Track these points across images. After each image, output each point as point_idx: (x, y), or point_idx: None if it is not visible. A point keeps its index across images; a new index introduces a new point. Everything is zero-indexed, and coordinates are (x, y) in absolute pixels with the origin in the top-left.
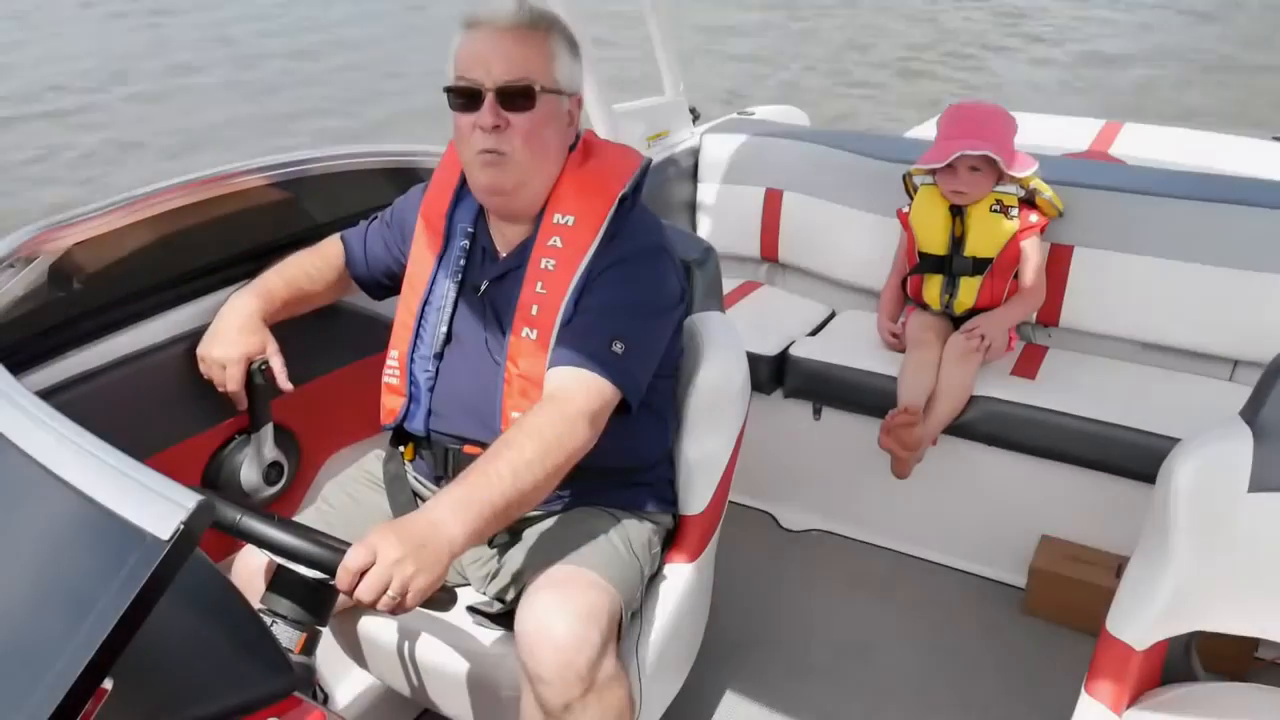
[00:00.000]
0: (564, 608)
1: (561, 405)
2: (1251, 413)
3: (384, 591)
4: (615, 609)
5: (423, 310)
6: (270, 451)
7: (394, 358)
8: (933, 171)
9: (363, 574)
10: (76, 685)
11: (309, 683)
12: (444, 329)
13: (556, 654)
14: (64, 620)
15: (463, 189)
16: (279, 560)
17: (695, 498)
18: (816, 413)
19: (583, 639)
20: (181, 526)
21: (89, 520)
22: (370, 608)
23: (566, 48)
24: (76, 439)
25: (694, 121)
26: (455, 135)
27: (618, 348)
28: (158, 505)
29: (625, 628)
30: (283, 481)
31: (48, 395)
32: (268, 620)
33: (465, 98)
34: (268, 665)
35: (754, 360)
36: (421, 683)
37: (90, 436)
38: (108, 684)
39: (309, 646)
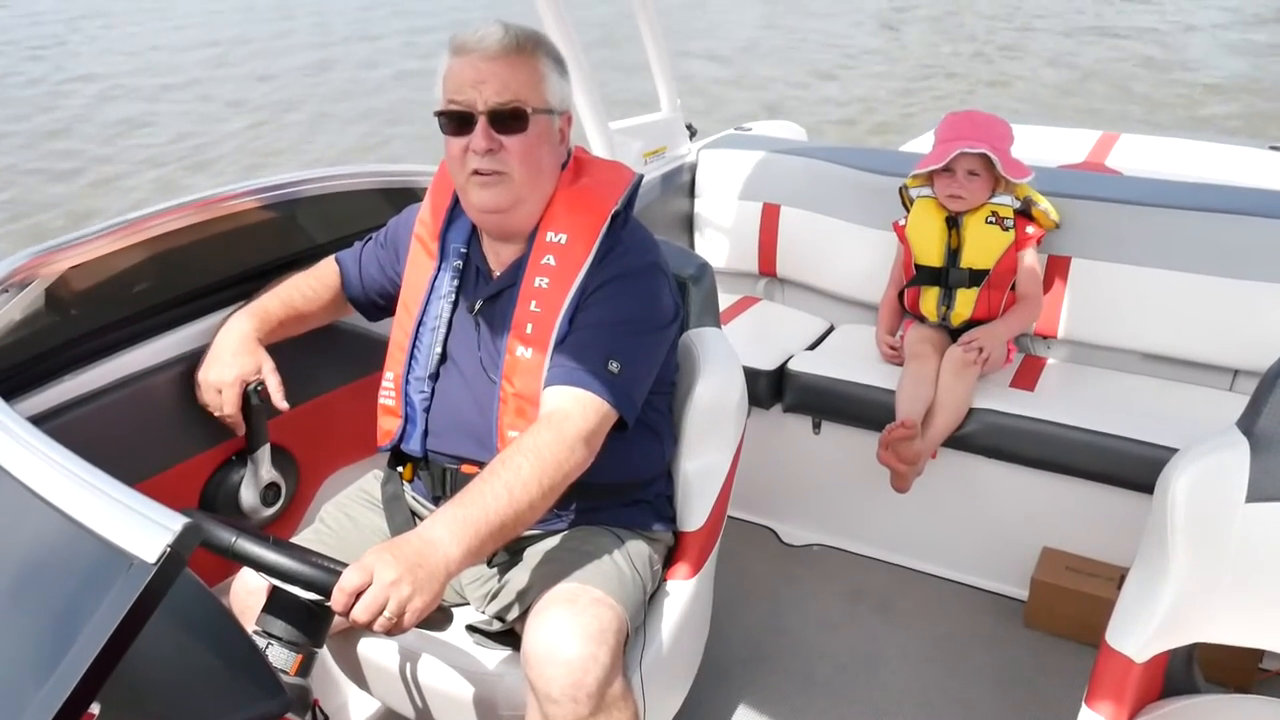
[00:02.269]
0: (573, 626)
1: (558, 425)
2: (1248, 423)
3: (380, 612)
4: (622, 627)
5: (417, 331)
6: (268, 472)
7: (389, 379)
8: (930, 180)
9: (359, 595)
10: (63, 710)
11: (304, 704)
12: (439, 349)
13: (566, 673)
14: (50, 644)
15: (455, 209)
16: (274, 582)
17: (694, 513)
18: (816, 427)
19: (592, 658)
20: (168, 549)
21: (76, 544)
22: (367, 629)
23: (555, 67)
24: (64, 463)
25: (691, 137)
26: (447, 158)
27: (613, 366)
28: (144, 528)
29: (629, 644)
30: (280, 502)
31: (44, 420)
32: (263, 642)
33: (457, 121)
34: (260, 687)
35: (753, 375)
36: (422, 703)
37: (78, 460)
38: (95, 708)
39: (305, 668)
